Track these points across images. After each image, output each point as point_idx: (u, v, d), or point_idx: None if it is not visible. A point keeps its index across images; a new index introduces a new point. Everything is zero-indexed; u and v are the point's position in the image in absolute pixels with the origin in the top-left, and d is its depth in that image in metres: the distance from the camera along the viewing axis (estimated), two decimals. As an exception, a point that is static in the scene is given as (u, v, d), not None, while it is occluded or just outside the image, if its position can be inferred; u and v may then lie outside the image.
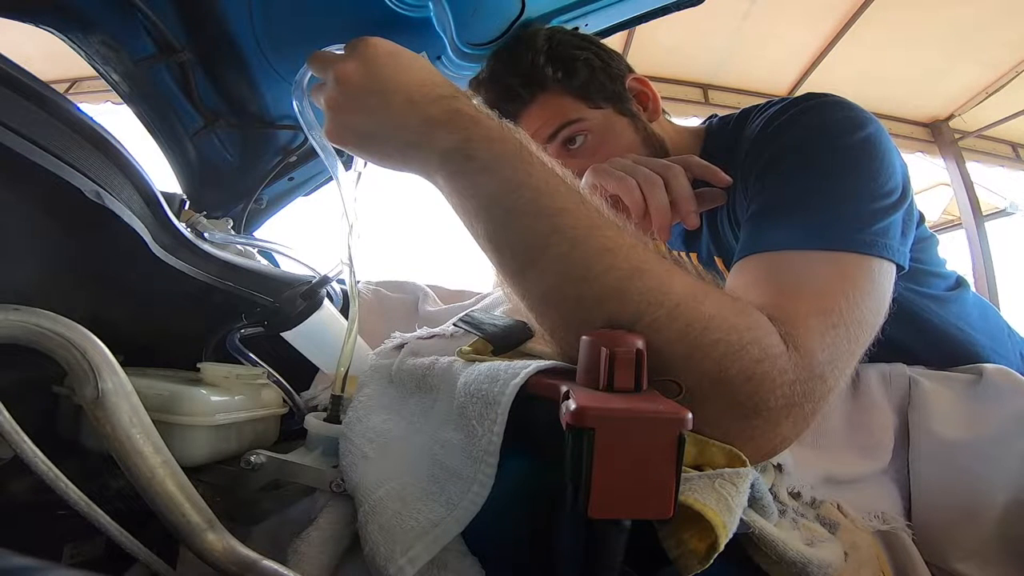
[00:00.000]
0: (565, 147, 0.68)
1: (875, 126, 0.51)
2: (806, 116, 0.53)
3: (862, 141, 0.50)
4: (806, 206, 0.46)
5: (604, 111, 0.68)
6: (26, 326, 0.36)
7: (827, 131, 0.51)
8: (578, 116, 0.67)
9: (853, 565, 0.42)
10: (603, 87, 0.68)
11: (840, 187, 0.47)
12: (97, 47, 0.71)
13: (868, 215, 0.45)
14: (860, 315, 0.40)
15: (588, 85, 0.68)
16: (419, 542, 0.32)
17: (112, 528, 0.33)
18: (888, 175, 0.49)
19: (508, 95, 0.69)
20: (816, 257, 0.43)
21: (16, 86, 0.38)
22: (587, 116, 0.67)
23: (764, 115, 0.59)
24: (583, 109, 0.67)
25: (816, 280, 0.42)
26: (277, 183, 1.03)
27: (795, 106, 0.55)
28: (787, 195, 0.49)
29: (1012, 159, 3.61)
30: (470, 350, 0.44)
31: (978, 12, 2.59)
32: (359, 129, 0.44)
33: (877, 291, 0.43)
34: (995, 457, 0.49)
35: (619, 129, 0.68)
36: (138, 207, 0.50)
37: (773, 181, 0.51)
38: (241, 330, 0.57)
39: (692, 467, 0.32)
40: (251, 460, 0.43)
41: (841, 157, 0.49)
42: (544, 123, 0.67)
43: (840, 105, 0.53)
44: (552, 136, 0.68)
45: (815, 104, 0.54)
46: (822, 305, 0.40)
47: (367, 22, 0.71)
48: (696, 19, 0.96)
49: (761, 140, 0.56)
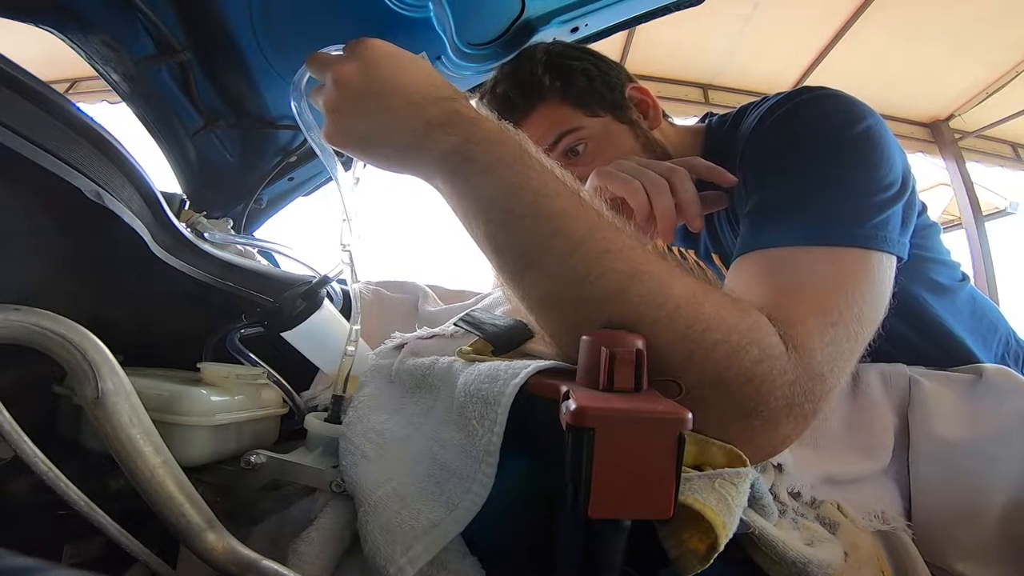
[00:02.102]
0: (566, 156, 0.68)
1: (873, 118, 0.51)
2: (803, 110, 0.53)
3: (861, 134, 0.49)
4: (805, 203, 0.46)
5: (603, 119, 0.68)
6: (26, 326, 0.36)
7: (825, 125, 0.51)
8: (577, 125, 0.68)
9: (853, 565, 0.42)
10: (601, 96, 0.69)
11: (839, 182, 0.47)
12: (97, 47, 0.71)
13: (867, 209, 0.45)
14: (860, 312, 0.40)
15: (586, 94, 0.68)
16: (419, 542, 0.32)
17: (112, 528, 0.33)
18: (888, 167, 0.48)
19: (508, 106, 0.69)
20: (815, 254, 0.43)
21: (16, 86, 0.38)
22: (586, 124, 0.68)
23: (760, 109, 0.58)
24: (581, 118, 0.68)
25: (815, 278, 0.42)
26: (277, 183, 1.03)
27: (791, 100, 0.55)
28: (785, 192, 0.49)
29: (1012, 159, 3.61)
30: (470, 350, 0.44)
31: (978, 12, 2.59)
32: (358, 131, 0.44)
33: (877, 286, 0.43)
34: (995, 457, 0.49)
35: (618, 136, 0.68)
36: (138, 207, 0.50)
37: (771, 177, 0.51)
38: (241, 330, 0.57)
39: (692, 467, 0.32)
40: (251, 460, 0.43)
41: (840, 151, 0.49)
42: (544, 132, 0.68)
43: (838, 98, 0.53)
44: (553, 145, 0.68)
45: (812, 98, 0.54)
46: (821, 304, 0.39)
47: (367, 22, 0.71)
48: (697, 19, 0.96)
49: (758, 135, 0.55)
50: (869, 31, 2.78)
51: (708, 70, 3.27)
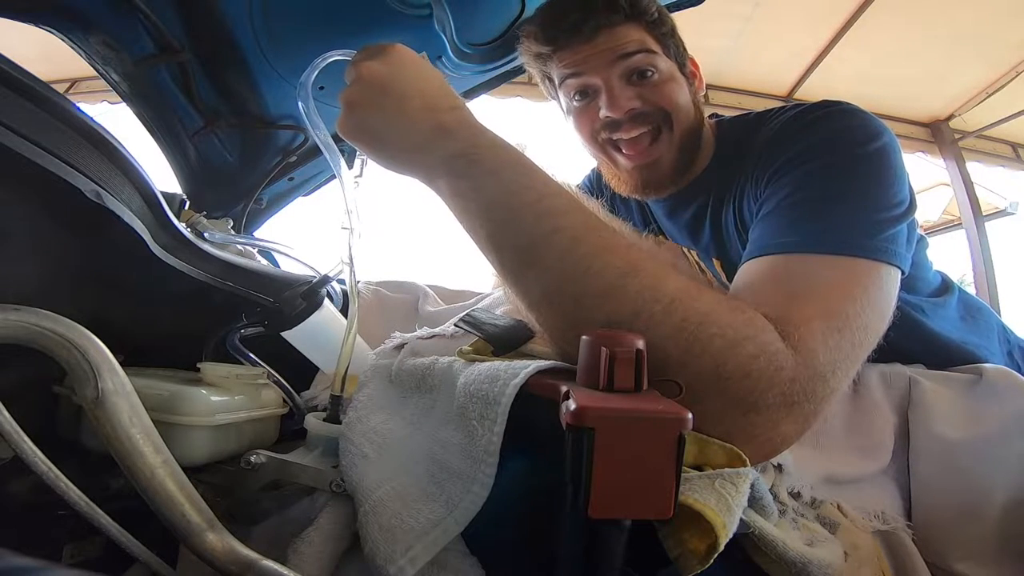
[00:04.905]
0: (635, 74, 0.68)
1: (889, 136, 0.52)
2: (823, 123, 0.55)
3: (878, 151, 0.51)
4: (819, 211, 0.47)
5: (673, 64, 0.70)
6: (26, 326, 0.36)
7: (844, 139, 0.52)
8: (657, 51, 0.68)
9: (853, 565, 0.42)
10: (678, 46, 0.71)
11: (854, 195, 0.48)
12: (97, 47, 0.71)
13: (879, 223, 0.46)
14: (866, 320, 0.41)
15: (670, 37, 0.70)
16: (419, 542, 0.32)
17: (112, 528, 0.33)
18: (900, 185, 0.50)
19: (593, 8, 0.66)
20: (827, 262, 0.44)
21: (16, 86, 0.38)
22: (662, 57, 0.69)
23: (779, 119, 0.60)
24: (660, 50, 0.69)
25: (824, 285, 0.42)
26: (277, 183, 1.03)
27: (812, 112, 0.56)
28: (801, 199, 0.50)
29: (1012, 159, 3.61)
30: (470, 350, 0.44)
31: (978, 12, 2.59)
32: (372, 127, 0.46)
33: (884, 297, 0.44)
34: (995, 457, 0.49)
35: (679, 83, 0.70)
36: (138, 207, 0.50)
37: (787, 184, 0.52)
38: (241, 330, 0.57)
39: (693, 467, 0.32)
40: (251, 460, 0.43)
41: (857, 165, 0.50)
42: (626, 43, 0.67)
43: (857, 114, 0.55)
44: (628, 56, 0.67)
45: (832, 112, 0.55)
46: (828, 309, 0.40)
47: (367, 22, 0.71)
48: (697, 20, 0.96)
49: (777, 143, 0.57)
50: (869, 31, 2.78)
51: (708, 70, 3.23)
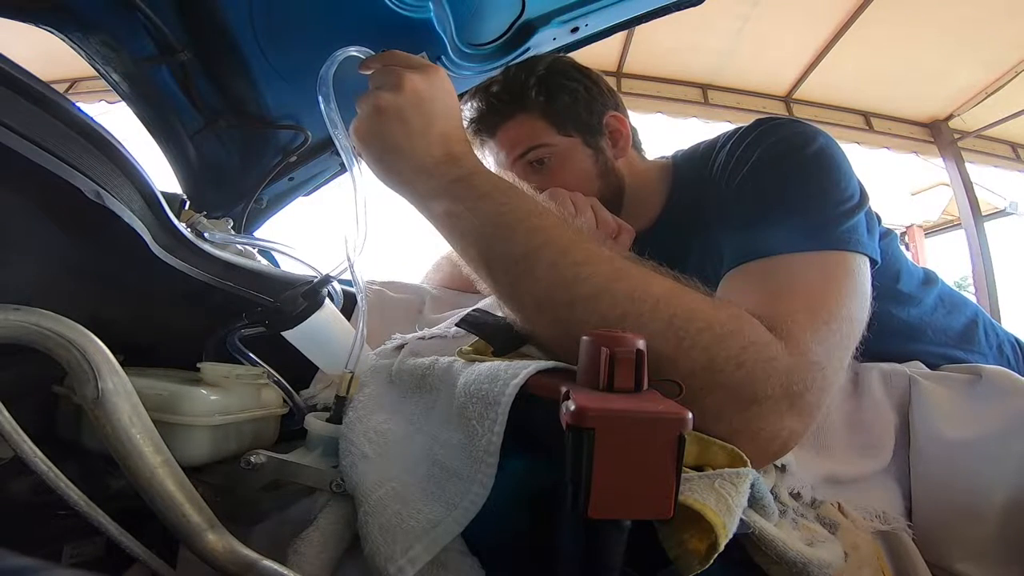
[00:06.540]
0: (530, 166, 0.74)
1: (824, 137, 0.56)
2: (764, 137, 0.58)
3: (817, 153, 0.54)
4: (781, 217, 0.50)
5: (572, 140, 0.74)
6: (26, 326, 0.36)
7: (785, 147, 0.55)
8: (547, 141, 0.73)
9: (853, 565, 0.42)
10: (578, 118, 0.74)
11: (808, 196, 0.51)
12: (97, 47, 0.71)
13: (837, 216, 0.49)
14: (848, 311, 0.43)
15: (564, 114, 0.74)
16: (419, 542, 0.32)
17: (112, 528, 0.33)
18: (847, 180, 0.53)
19: (493, 106, 0.75)
20: (799, 259, 0.46)
21: (16, 86, 0.38)
22: (554, 142, 0.73)
23: (724, 149, 0.63)
24: (553, 134, 0.74)
25: (802, 280, 0.45)
26: (277, 183, 1.03)
27: (751, 132, 0.60)
28: (762, 211, 0.52)
29: (1012, 159, 3.61)
30: (470, 350, 0.44)
31: (978, 12, 2.59)
32: (390, 139, 0.48)
33: (860, 286, 0.46)
34: (995, 457, 0.49)
35: (580, 159, 0.74)
36: (138, 207, 0.50)
37: (746, 200, 0.55)
38: (241, 330, 0.57)
39: (694, 467, 0.32)
40: (251, 460, 0.43)
41: (803, 169, 0.53)
42: (517, 141, 0.74)
43: (791, 123, 0.58)
44: (521, 155, 0.74)
45: (769, 126, 0.59)
46: (811, 302, 0.42)
47: (367, 22, 0.71)
48: (697, 20, 0.97)
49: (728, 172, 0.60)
50: (868, 31, 2.78)
51: (707, 70, 3.27)
